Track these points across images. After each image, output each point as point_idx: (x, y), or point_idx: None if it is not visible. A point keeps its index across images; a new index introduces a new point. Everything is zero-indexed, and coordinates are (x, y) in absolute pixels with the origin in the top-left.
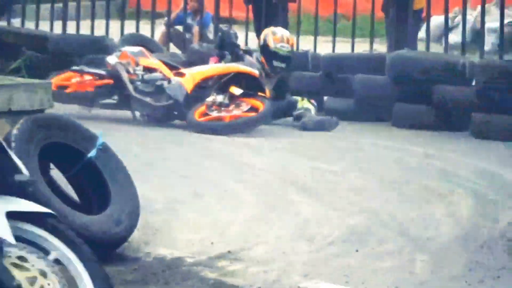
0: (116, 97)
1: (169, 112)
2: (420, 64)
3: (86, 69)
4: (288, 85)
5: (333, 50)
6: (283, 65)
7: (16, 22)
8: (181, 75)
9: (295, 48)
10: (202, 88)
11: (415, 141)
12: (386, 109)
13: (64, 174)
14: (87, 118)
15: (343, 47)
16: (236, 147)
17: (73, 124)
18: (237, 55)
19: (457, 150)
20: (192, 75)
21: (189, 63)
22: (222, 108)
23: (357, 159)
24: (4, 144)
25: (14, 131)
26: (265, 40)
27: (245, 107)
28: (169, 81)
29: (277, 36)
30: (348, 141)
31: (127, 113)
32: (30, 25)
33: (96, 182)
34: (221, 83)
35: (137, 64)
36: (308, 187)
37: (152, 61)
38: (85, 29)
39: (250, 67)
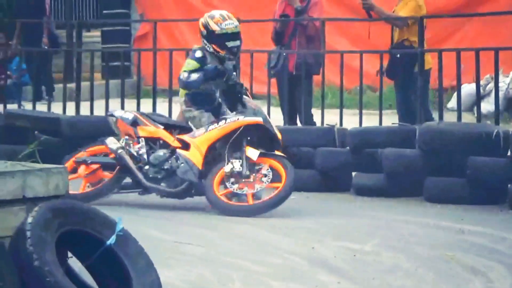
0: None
1: (187, 193)
2: (452, 136)
3: (90, 159)
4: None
5: (360, 124)
6: (238, 43)
7: (27, 104)
8: (185, 146)
9: (239, 25)
10: (212, 152)
11: (449, 216)
12: (417, 183)
13: (83, 262)
14: (104, 203)
15: (370, 120)
16: (260, 228)
17: (91, 211)
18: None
19: (493, 224)
20: (197, 146)
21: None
22: (243, 180)
23: (388, 237)
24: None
25: (29, 219)
26: (207, 28)
27: (265, 170)
28: (176, 158)
29: (217, 18)
30: (378, 218)
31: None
32: (42, 107)
33: (116, 270)
34: (232, 143)
35: (137, 136)
36: (338, 269)
37: (150, 129)
38: (99, 110)
39: (253, 112)
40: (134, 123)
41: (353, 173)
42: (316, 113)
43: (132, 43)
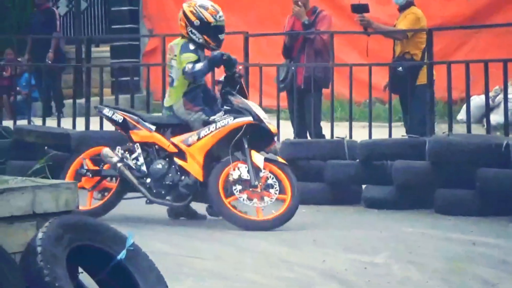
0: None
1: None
2: (462, 148)
3: (91, 172)
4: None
5: (370, 136)
6: (223, 36)
7: (36, 120)
8: (180, 154)
9: None
10: (209, 158)
11: (460, 228)
12: (427, 195)
13: (93, 277)
14: (113, 218)
15: (379, 133)
16: (270, 241)
17: (101, 226)
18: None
19: (504, 235)
20: (193, 156)
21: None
22: (251, 190)
23: (399, 249)
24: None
25: (40, 235)
26: (200, 19)
27: (270, 179)
28: (176, 169)
29: (211, 9)
30: (388, 230)
31: (152, 208)
32: (51, 123)
33: (127, 284)
34: (231, 147)
35: (132, 141)
36: (349, 281)
37: (144, 133)
38: (108, 125)
39: (240, 109)
40: (125, 126)
41: (363, 186)
42: (325, 126)
43: (141, 58)
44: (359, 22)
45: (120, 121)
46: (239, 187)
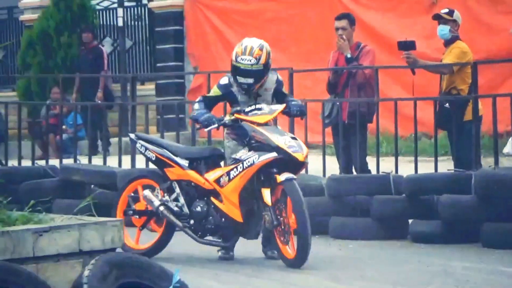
0: None
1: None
2: (508, 181)
3: (138, 213)
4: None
5: (416, 171)
6: (249, 81)
7: (82, 158)
8: (216, 193)
9: (263, 59)
10: (243, 197)
11: (508, 261)
12: (474, 229)
13: None
14: (160, 254)
15: (425, 167)
16: (318, 277)
17: (147, 262)
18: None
19: None
20: (228, 198)
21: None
22: (279, 229)
23: (446, 283)
24: None
25: (86, 272)
26: (232, 54)
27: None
28: (216, 210)
29: (241, 48)
30: (436, 265)
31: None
32: (97, 161)
33: None
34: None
35: (168, 178)
36: None
37: (179, 172)
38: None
39: (264, 145)
40: (159, 164)
41: (410, 220)
42: (371, 161)
43: (186, 95)
44: (405, 59)
45: (153, 159)
46: (276, 232)
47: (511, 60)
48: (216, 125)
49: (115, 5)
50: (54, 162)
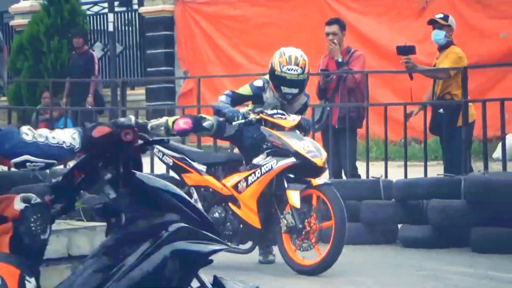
0: None
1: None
2: (498, 186)
3: None
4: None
5: (405, 176)
6: (294, 91)
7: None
8: (234, 198)
9: (307, 69)
10: (262, 203)
11: (497, 266)
12: (464, 234)
13: None
14: None
15: (415, 172)
16: (309, 281)
17: None
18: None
19: None
20: (246, 204)
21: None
22: (302, 233)
23: None
24: None
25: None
26: (272, 63)
27: (312, 210)
28: (233, 216)
29: (284, 58)
30: (426, 270)
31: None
32: None
33: None
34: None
35: (185, 183)
36: None
37: (196, 177)
38: (146, 167)
39: (282, 150)
40: (177, 169)
41: (399, 225)
42: (361, 166)
43: (177, 100)
44: (404, 64)
45: (171, 164)
46: (294, 234)
47: (502, 64)
48: (242, 121)
49: (106, 10)
50: None
